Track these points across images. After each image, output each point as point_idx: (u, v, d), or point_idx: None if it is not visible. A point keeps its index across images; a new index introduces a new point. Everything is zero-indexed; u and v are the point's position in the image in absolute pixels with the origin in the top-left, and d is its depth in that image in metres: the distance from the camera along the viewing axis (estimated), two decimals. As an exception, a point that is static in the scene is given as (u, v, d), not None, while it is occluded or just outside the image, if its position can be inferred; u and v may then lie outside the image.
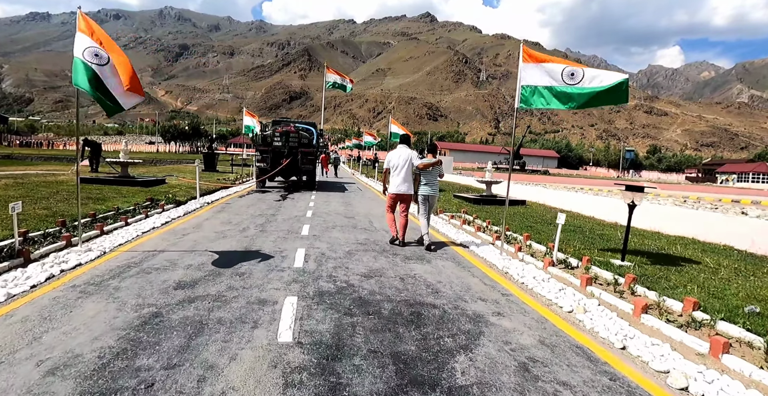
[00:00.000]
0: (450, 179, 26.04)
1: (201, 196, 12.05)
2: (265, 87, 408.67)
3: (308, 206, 11.24)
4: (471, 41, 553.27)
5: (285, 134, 15.35)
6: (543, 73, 6.09)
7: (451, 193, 16.13)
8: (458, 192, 17.38)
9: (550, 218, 10.92)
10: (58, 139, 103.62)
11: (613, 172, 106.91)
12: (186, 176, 17.51)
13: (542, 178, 52.32)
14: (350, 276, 5.03)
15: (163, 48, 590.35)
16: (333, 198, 13.76)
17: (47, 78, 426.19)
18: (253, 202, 11.55)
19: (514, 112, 6.82)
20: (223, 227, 7.79)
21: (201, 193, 12.35)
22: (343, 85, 23.49)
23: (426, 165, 6.90)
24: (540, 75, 6.09)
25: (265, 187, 16.30)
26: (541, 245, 7.17)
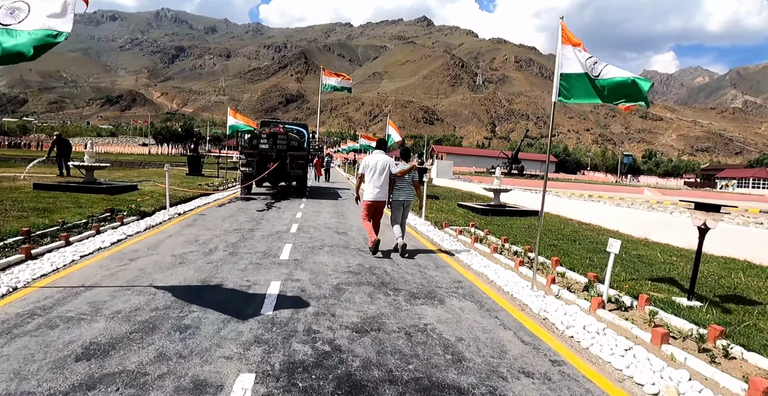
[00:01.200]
0: (451, 185, 24.69)
1: (174, 205, 10.62)
2: (261, 89, 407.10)
3: (294, 218, 9.82)
4: (467, 45, 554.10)
5: (272, 136, 13.94)
6: (580, 60, 4.74)
7: (455, 202, 14.75)
8: (461, 200, 16.01)
9: (571, 233, 9.56)
10: (49, 140, 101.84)
11: (611, 177, 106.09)
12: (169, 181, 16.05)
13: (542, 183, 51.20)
14: (337, 330, 3.63)
15: (159, 50, 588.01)
16: (324, 207, 12.35)
17: (42, 79, 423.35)
18: (232, 213, 10.12)
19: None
20: (186, 248, 6.37)
21: (174, 202, 10.91)
22: (343, 87, 23.12)
23: (403, 172, 6.77)
24: (578, 61, 4.74)
25: (250, 194, 14.88)
26: (575, 274, 5.80)
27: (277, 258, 6.00)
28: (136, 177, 17.24)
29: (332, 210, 11.72)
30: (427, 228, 9.51)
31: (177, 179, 17.39)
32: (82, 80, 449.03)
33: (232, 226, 8.32)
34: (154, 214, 9.19)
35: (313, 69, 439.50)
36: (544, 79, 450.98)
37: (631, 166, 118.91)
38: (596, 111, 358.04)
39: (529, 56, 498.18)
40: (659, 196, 41.63)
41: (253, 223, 8.85)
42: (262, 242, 7.00)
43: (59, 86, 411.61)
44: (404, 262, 6.20)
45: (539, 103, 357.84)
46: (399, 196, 6.91)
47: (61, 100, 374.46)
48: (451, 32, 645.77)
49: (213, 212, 10.14)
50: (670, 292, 5.18)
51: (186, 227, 8.08)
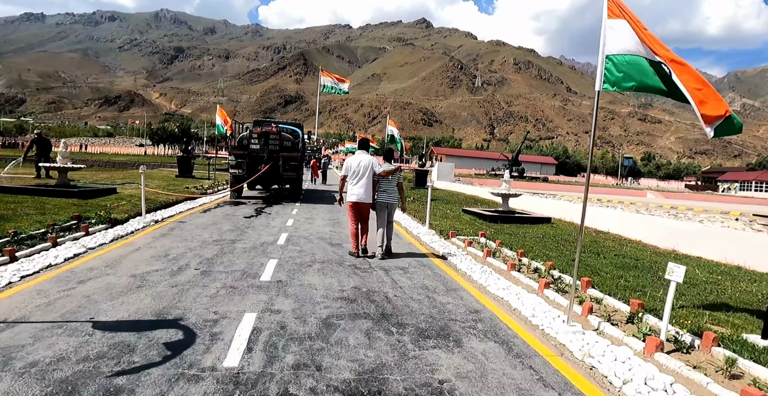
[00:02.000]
0: (453, 188, 23.75)
1: (152, 211, 9.67)
2: (260, 90, 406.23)
3: (284, 226, 8.86)
4: (466, 47, 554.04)
5: (264, 136, 12.99)
6: (634, 38, 3.80)
7: (459, 207, 13.80)
8: (465, 204, 15.07)
9: (590, 244, 8.63)
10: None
11: (611, 179, 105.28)
12: (152, 184, 15.08)
13: (544, 185, 50.21)
14: (322, 395, 2.67)
15: (158, 50, 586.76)
16: (319, 213, 11.39)
17: (40, 79, 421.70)
18: (215, 220, 9.16)
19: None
20: (151, 265, 5.41)
21: (154, 207, 9.96)
22: (339, 89, 23.27)
23: (387, 172, 6.61)
24: (632, 38, 3.80)
25: (240, 197, 13.93)
26: (614, 300, 4.85)
27: (257, 279, 5.03)
28: (120, 179, 16.27)
29: (327, 217, 10.76)
30: (431, 238, 8.56)
31: (164, 181, 16.42)
32: (80, 80, 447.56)
33: (212, 237, 7.35)
34: (126, 222, 8.23)
35: (312, 70, 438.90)
36: (543, 81, 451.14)
37: (631, 168, 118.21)
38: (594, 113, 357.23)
39: (527, 58, 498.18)
40: (662, 199, 40.76)
41: (237, 232, 7.89)
42: (243, 257, 6.04)
43: (57, 86, 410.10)
44: (408, 284, 5.24)
45: (538, 106, 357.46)
46: (382, 198, 6.66)
47: (60, 101, 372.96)
48: (450, 34, 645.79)
49: (194, 219, 9.18)
50: (735, 326, 4.24)
51: (159, 238, 7.11)
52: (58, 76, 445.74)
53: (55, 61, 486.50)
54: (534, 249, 7.69)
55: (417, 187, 20.93)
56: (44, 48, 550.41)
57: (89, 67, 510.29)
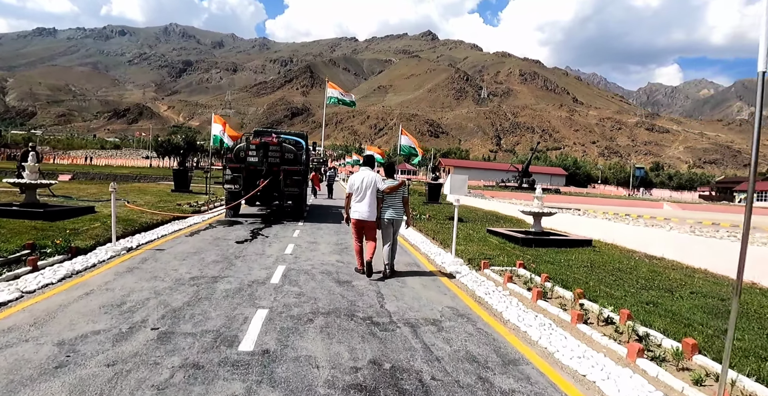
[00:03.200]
0: (468, 203, 22.20)
1: (129, 235, 8.27)
2: (267, 103, 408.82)
3: (282, 255, 7.39)
4: (472, 59, 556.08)
5: (263, 147, 11.62)
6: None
7: (482, 226, 12.28)
8: (486, 222, 13.57)
9: (650, 274, 7.09)
10: (52, 153, 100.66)
11: (623, 190, 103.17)
12: (141, 200, 13.73)
13: (556, 197, 48.50)
14: None
15: (166, 64, 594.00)
16: (324, 235, 9.94)
17: (51, 92, 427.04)
18: (201, 247, 7.73)
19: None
20: (94, 322, 3.96)
21: (132, 231, 8.55)
22: (347, 101, 23.23)
23: (392, 188, 6.45)
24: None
25: (237, 215, 12.53)
26: (751, 381, 3.32)
27: (234, 347, 3.55)
28: (107, 194, 14.91)
29: (333, 240, 9.30)
30: (459, 269, 7.06)
31: (156, 197, 15.07)
32: (90, 94, 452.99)
33: (191, 272, 5.90)
34: (92, 251, 6.81)
35: (318, 83, 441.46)
36: (549, 92, 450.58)
37: (643, 179, 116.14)
38: (602, 124, 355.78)
39: (533, 69, 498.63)
40: (680, 211, 38.94)
41: (223, 264, 6.43)
42: (222, 306, 4.57)
43: (68, 99, 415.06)
44: (447, 351, 3.74)
45: (544, 116, 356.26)
46: (386, 214, 6.44)
47: (69, 113, 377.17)
48: (456, 46, 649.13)
49: (176, 246, 7.73)
50: None
51: (123, 274, 5.67)
52: (69, 90, 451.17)
53: (65, 75, 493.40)
54: (589, 284, 6.19)
55: (430, 202, 19.41)
56: (55, 62, 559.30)
57: (99, 81, 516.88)
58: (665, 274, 7.41)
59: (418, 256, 8.11)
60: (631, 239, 10.23)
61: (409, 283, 6.01)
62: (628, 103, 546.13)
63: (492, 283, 6.33)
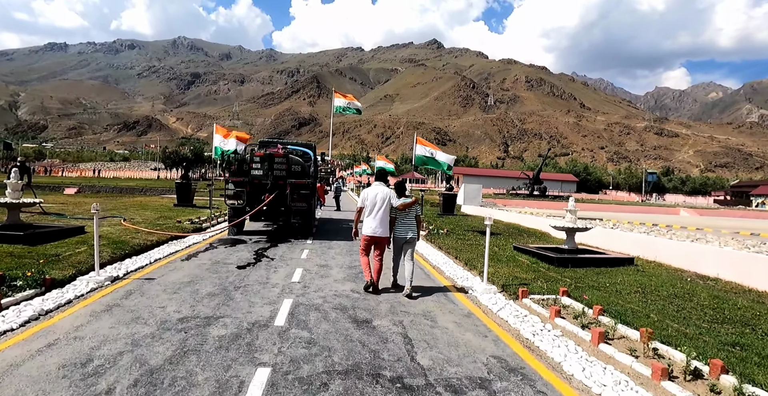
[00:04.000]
0: (484, 213, 21.18)
1: (118, 260, 7.39)
2: (274, 113, 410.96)
3: (289, 283, 6.46)
4: (478, 67, 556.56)
5: (267, 159, 10.77)
6: None
7: (506, 241, 11.29)
8: (511, 236, 12.57)
9: (712, 302, 6.07)
10: (60, 165, 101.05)
11: (635, 196, 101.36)
12: (140, 217, 12.90)
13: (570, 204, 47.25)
14: None
15: (175, 76, 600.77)
16: (335, 256, 9.00)
17: (62, 105, 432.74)
18: (196, 274, 6.81)
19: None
20: (44, 394, 3.05)
21: (121, 255, 7.68)
22: (352, 109, 23.02)
23: (406, 205, 6.26)
24: None
25: (241, 232, 11.64)
26: None
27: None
28: (108, 210, 14.13)
29: (346, 262, 8.35)
30: (494, 299, 6.08)
31: (156, 212, 14.24)
32: (100, 107, 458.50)
33: (180, 311, 4.97)
34: (70, 283, 5.93)
35: (325, 93, 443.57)
36: (556, 98, 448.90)
37: (655, 184, 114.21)
38: (610, 129, 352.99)
39: (539, 76, 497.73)
40: (697, 217, 37.57)
41: (219, 299, 5.50)
42: (212, 364, 3.63)
43: (78, 113, 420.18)
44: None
45: (551, 123, 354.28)
46: (400, 233, 6.29)
47: (80, 126, 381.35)
48: (461, 54, 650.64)
49: (169, 273, 6.83)
50: None
51: (99, 315, 4.76)
52: (79, 103, 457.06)
53: (76, 89, 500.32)
54: (651, 318, 5.20)
55: (445, 214, 18.42)
56: (66, 76, 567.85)
57: (109, 94, 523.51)
58: (731, 300, 6.38)
59: (443, 282, 7.13)
60: (677, 256, 9.18)
61: (440, 320, 5.05)
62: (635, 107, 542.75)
63: (536, 317, 5.34)
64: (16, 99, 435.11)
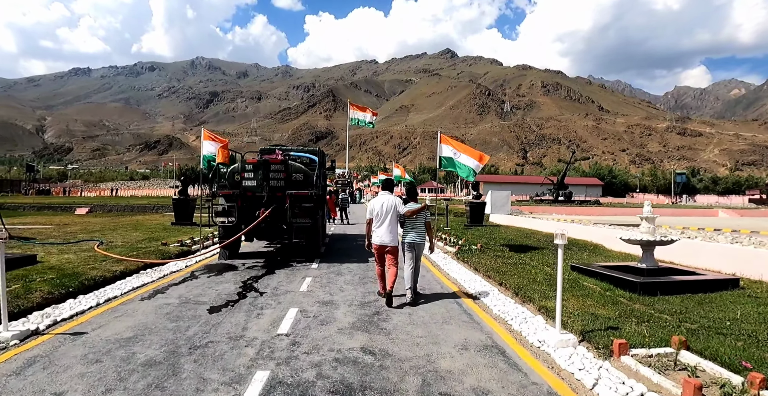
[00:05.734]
0: (518, 223, 18.92)
1: (55, 301, 5.57)
2: (291, 128, 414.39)
3: (272, 338, 4.49)
4: (492, 74, 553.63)
5: (262, 166, 8.94)
6: None
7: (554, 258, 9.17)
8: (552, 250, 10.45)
9: None
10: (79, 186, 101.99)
11: (664, 198, 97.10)
12: (126, 238, 11.19)
13: (599, 210, 44.45)
14: None
15: (194, 96, 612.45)
16: (345, 287, 7.04)
17: (86, 128, 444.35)
18: (148, 324, 4.92)
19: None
20: None
21: (67, 293, 5.87)
22: (366, 122, 24.11)
23: (413, 212, 6.24)
24: None
25: (236, 255, 9.78)
26: None
27: None
28: (93, 233, 12.45)
29: (358, 296, 6.37)
30: (578, 359, 4.02)
31: (147, 233, 12.53)
32: (123, 128, 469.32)
33: None
34: (-45, 347, 4.10)
35: (340, 106, 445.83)
36: (573, 101, 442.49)
37: (685, 184, 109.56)
38: (630, 130, 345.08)
39: (555, 80, 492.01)
40: (738, 218, 34.45)
41: (155, 375, 3.57)
42: None
43: (102, 134, 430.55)
44: None
45: (570, 127, 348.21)
46: (406, 238, 6.25)
47: (104, 148, 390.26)
48: (475, 62, 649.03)
49: (110, 322, 4.94)
50: None
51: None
52: (103, 125, 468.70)
53: (99, 111, 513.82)
54: None
55: (473, 225, 16.31)
56: (90, 99, 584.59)
57: (131, 115, 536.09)
58: None
59: (492, 325, 5.09)
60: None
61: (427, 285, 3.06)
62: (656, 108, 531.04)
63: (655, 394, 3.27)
64: (43, 123, 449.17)
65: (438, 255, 10.18)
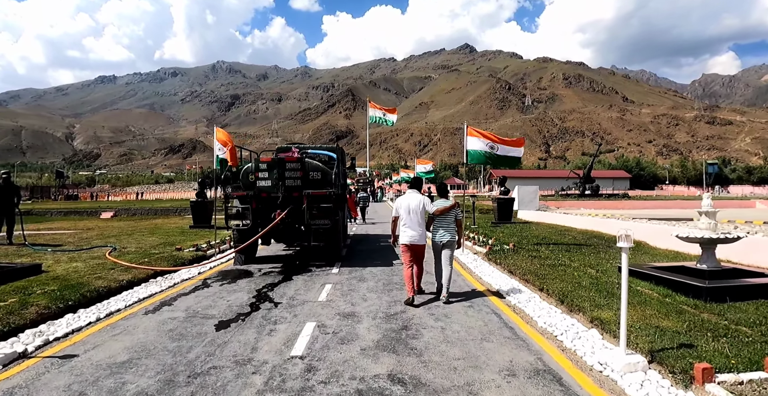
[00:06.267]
0: (548, 219, 17.99)
1: (51, 317, 5.10)
2: (312, 128, 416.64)
3: (285, 360, 3.90)
4: (512, 68, 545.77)
5: (277, 165, 8.40)
6: None
7: (601, 260, 8.35)
8: (602, 250, 9.61)
9: None
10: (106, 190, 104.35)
11: (695, 190, 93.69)
12: (141, 243, 10.82)
13: (629, 203, 42.72)
14: None
15: (216, 99, 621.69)
16: (367, 296, 6.41)
17: (113, 134, 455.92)
18: (147, 344, 4.38)
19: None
20: None
21: (59, 309, 5.40)
22: (386, 120, 23.97)
23: (442, 210, 6.15)
24: None
25: (253, 260, 9.26)
26: None
27: None
28: (109, 238, 12.14)
29: (383, 306, 5.73)
30: (651, 388, 3.30)
31: (163, 237, 12.16)
32: (148, 133, 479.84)
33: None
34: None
35: (360, 105, 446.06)
36: (596, 93, 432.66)
37: (717, 175, 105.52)
38: (657, 121, 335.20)
39: (577, 72, 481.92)
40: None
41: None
42: None
43: (128, 140, 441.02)
44: None
45: (594, 119, 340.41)
46: (437, 236, 6.17)
47: (130, 153, 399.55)
48: (495, 56, 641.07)
49: (105, 344, 4.41)
50: None
51: None
52: (129, 131, 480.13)
53: (125, 117, 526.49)
54: None
55: (501, 222, 15.52)
56: (116, 106, 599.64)
57: (155, 120, 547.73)
58: None
59: (539, 341, 4.39)
60: None
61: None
62: (683, 97, 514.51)
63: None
64: (72, 130, 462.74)
65: (467, 256, 9.47)
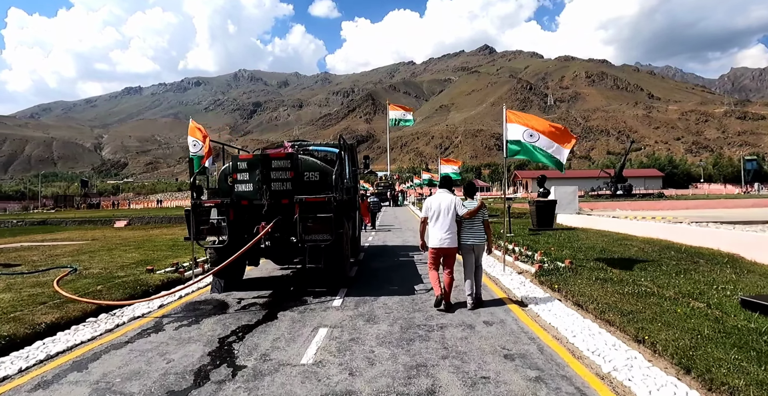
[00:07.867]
0: (588, 224, 15.63)
1: None
2: (332, 134, 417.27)
3: None
4: (533, 67, 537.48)
5: (260, 163, 6.46)
6: None
7: (696, 284, 6.13)
8: (683, 264, 7.38)
9: None
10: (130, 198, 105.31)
11: (732, 188, 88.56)
12: (105, 264, 9.06)
13: (668, 203, 39.53)
14: None
15: (238, 107, 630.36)
16: (374, 354, 4.37)
17: (139, 143, 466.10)
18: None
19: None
20: None
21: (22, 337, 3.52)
22: (406, 120, 24.11)
23: (472, 212, 5.85)
24: None
25: (235, 284, 7.29)
26: None
27: None
28: (83, 254, 10.43)
29: (399, 379, 3.68)
30: None
31: (145, 253, 10.38)
32: (173, 142, 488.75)
33: None
34: None
35: (380, 109, 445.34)
36: (621, 90, 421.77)
37: (756, 172, 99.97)
38: (685, 117, 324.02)
39: (600, 70, 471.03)
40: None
41: None
42: None
43: (154, 149, 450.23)
44: None
45: (618, 117, 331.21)
46: (467, 240, 5.87)
47: (156, 161, 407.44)
48: (515, 57, 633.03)
49: None
50: None
51: None
52: (155, 140, 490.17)
53: (151, 127, 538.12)
54: None
55: (541, 229, 13.31)
56: (142, 116, 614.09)
57: (180, 129, 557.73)
58: None
59: None
60: None
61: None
62: (711, 92, 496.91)
63: None
64: (100, 141, 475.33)
65: (512, 277, 7.33)
